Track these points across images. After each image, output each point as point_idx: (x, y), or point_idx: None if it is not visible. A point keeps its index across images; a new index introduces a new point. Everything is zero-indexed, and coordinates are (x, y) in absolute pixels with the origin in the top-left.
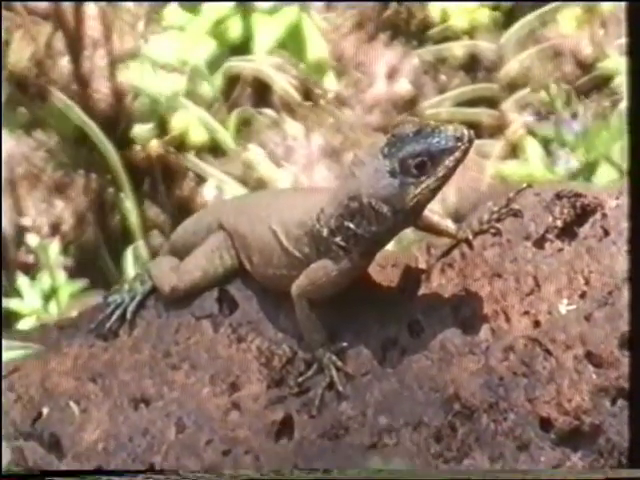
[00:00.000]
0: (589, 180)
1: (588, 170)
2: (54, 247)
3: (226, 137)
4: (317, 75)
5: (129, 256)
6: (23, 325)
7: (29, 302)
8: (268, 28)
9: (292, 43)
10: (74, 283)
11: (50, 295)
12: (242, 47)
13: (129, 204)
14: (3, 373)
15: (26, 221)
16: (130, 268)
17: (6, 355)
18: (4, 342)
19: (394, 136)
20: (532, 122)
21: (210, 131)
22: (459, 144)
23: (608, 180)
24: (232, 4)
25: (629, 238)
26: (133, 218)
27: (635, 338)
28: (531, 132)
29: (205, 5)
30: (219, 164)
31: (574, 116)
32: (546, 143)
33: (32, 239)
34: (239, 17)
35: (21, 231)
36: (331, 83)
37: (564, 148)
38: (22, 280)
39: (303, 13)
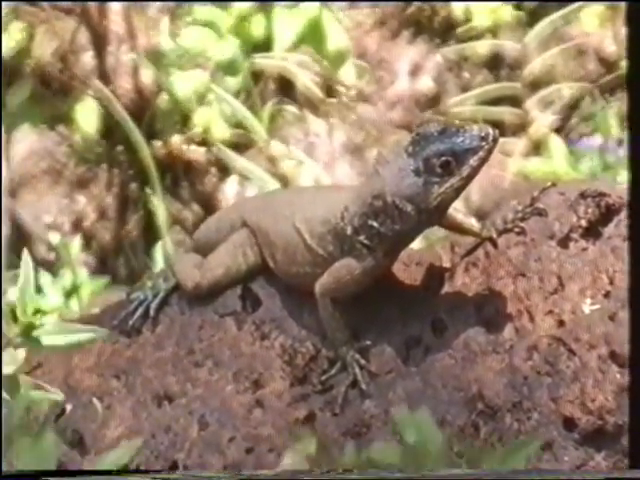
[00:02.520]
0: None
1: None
2: (75, 244)
3: (260, 130)
4: (337, 65)
5: (158, 252)
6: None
7: (50, 299)
8: (288, 23)
9: (312, 37)
10: (96, 280)
11: (71, 292)
12: (264, 44)
13: (156, 200)
14: (26, 370)
15: (47, 219)
16: (159, 264)
17: (73, 337)
18: (62, 324)
19: (418, 135)
20: (574, 143)
21: (240, 124)
22: (483, 144)
23: None
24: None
25: (630, 241)
26: (160, 214)
27: (636, 339)
28: (573, 152)
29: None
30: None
31: (620, 143)
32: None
33: (54, 237)
34: (261, 14)
35: (43, 228)
36: (352, 79)
37: (606, 170)
38: (44, 277)
39: (323, 8)
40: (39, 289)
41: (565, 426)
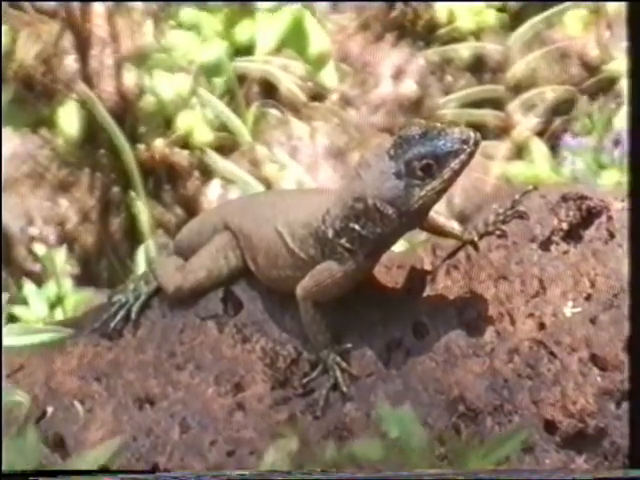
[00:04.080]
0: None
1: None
2: (60, 256)
3: (243, 133)
4: (319, 68)
5: (140, 255)
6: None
7: (35, 310)
8: (270, 27)
9: (294, 40)
10: (80, 292)
11: (56, 303)
12: (248, 47)
13: (139, 203)
14: (7, 372)
15: (33, 231)
16: (141, 267)
17: (31, 339)
18: (24, 326)
19: (400, 138)
20: (569, 142)
21: (223, 127)
22: (465, 147)
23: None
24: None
25: (630, 241)
26: (144, 217)
27: (635, 341)
28: (568, 151)
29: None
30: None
31: (616, 143)
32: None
33: (39, 248)
34: (245, 17)
35: (29, 240)
36: (335, 81)
37: (601, 170)
38: (29, 287)
39: (305, 10)
40: (23, 299)
41: (546, 429)
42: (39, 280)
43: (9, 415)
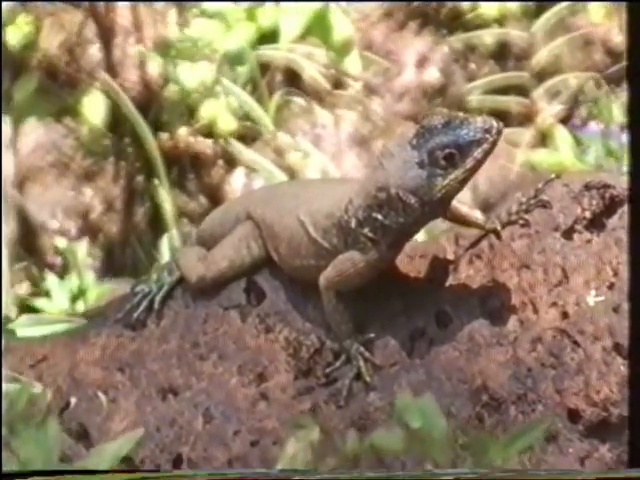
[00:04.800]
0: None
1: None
2: (82, 248)
3: (267, 122)
4: (343, 56)
5: (164, 245)
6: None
7: (57, 302)
8: (294, 15)
9: (318, 28)
10: (102, 284)
11: (78, 296)
12: (271, 35)
13: (163, 192)
14: (31, 362)
15: (54, 224)
16: (165, 257)
17: (47, 329)
18: (37, 317)
19: (423, 127)
20: (577, 128)
21: (247, 116)
22: (487, 136)
23: None
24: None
25: (630, 234)
26: (168, 206)
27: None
28: (575, 139)
29: None
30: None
31: (622, 128)
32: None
33: (61, 241)
34: (269, 5)
35: (50, 232)
36: (359, 69)
37: (609, 157)
38: (51, 280)
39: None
40: (46, 292)
41: (570, 418)
42: (61, 272)
43: (30, 407)
